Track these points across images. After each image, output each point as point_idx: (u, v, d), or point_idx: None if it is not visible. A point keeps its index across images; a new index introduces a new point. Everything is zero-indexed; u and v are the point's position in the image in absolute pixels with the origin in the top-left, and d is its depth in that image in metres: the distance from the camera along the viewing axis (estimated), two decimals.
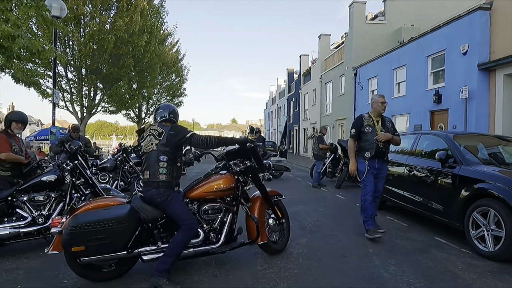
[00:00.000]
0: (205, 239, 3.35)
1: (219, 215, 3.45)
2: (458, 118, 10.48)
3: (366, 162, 4.60)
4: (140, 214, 3.06)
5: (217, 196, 3.46)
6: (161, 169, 3.09)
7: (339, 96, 20.85)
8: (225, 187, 3.45)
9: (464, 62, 10.33)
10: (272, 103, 46.88)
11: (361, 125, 4.69)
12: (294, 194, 8.55)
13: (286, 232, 4.16)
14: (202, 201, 3.42)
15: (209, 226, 3.41)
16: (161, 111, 3.41)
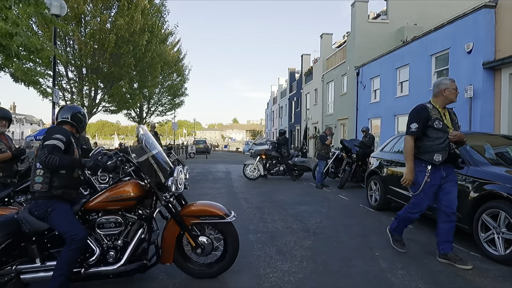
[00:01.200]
0: (102, 258, 2.83)
1: (118, 229, 2.86)
2: (462, 117, 10.32)
3: (428, 170, 3.59)
4: (22, 226, 2.68)
5: (119, 206, 2.88)
6: (37, 177, 2.70)
7: (341, 96, 20.73)
8: (127, 196, 2.86)
9: (468, 61, 10.20)
10: (273, 103, 46.77)
11: (428, 119, 3.63)
12: (296, 194, 8.44)
13: (228, 258, 3.25)
14: (103, 212, 2.89)
15: (110, 242, 2.88)
16: (63, 111, 3.03)
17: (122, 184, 2.93)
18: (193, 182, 10.69)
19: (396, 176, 5.92)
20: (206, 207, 3.24)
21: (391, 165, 6.12)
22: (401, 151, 6.04)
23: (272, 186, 9.83)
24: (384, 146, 6.82)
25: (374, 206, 6.60)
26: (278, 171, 11.59)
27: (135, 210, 2.98)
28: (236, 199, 7.63)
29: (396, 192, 5.83)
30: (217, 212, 3.17)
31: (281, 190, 9.04)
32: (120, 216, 2.89)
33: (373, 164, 6.93)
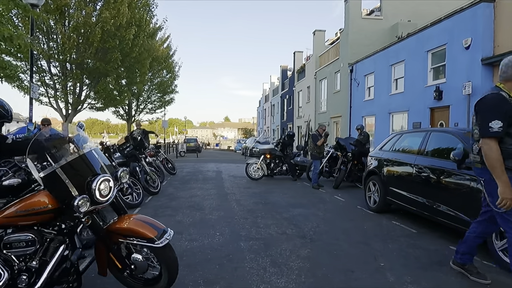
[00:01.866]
0: (12, 284, 2.34)
1: (31, 248, 2.36)
2: (460, 115, 10.07)
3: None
4: None
5: (33, 221, 2.41)
6: None
7: (334, 93, 20.41)
8: (43, 208, 2.37)
9: (466, 56, 9.92)
10: (265, 101, 46.36)
11: (510, 112, 2.70)
12: (291, 195, 8.04)
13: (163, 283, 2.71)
14: (13, 229, 2.41)
15: (23, 264, 2.39)
16: None
17: (35, 194, 2.41)
18: (182, 182, 10.22)
19: (398, 177, 5.56)
20: (136, 226, 2.63)
21: (392, 164, 5.75)
22: (403, 150, 5.69)
23: (265, 187, 9.42)
24: (384, 144, 6.46)
25: (373, 208, 6.23)
26: (281, 170, 11.26)
27: (55, 224, 2.48)
28: (227, 201, 7.20)
29: (398, 193, 5.46)
30: (146, 234, 2.56)
31: (275, 191, 8.63)
32: (33, 233, 2.38)
33: (371, 163, 6.56)
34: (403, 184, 5.35)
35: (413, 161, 5.15)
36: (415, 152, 5.33)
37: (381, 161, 6.13)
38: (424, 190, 4.88)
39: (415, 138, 5.64)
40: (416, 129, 6.22)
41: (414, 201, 5.05)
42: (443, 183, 4.51)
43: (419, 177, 4.98)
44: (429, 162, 4.86)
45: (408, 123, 12.76)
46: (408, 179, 5.24)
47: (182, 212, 6.13)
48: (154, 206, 6.67)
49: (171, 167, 12.40)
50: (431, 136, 5.13)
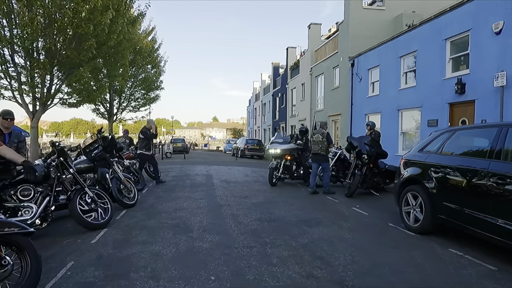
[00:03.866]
0: None
1: None
2: (489, 110, 8.74)
3: None
4: None
5: None
6: None
7: (332, 90, 19.03)
8: None
9: (497, 43, 8.58)
10: (255, 100, 44.86)
11: None
12: (299, 207, 6.52)
13: None
14: None
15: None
16: None
17: None
18: (166, 189, 8.60)
19: (459, 189, 4.09)
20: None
21: (447, 172, 4.28)
22: (463, 152, 4.23)
23: (263, 195, 7.88)
24: (425, 145, 5.00)
25: (415, 228, 4.76)
26: (300, 174, 9.84)
27: None
28: (221, 217, 5.63)
29: (458, 211, 4.00)
30: None
31: (278, 202, 7.11)
32: None
33: (407, 170, 5.09)
34: (469, 198, 3.89)
35: (486, 167, 3.69)
36: (484, 155, 3.87)
37: (426, 166, 4.66)
38: (506, 209, 3.43)
39: (479, 137, 4.21)
40: (478, 124, 4.77)
41: (487, 224, 3.60)
42: None
43: (497, 190, 3.52)
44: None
45: (422, 120, 11.41)
46: (477, 192, 3.78)
47: (163, 235, 4.54)
48: (126, 226, 5.05)
49: None
50: (510, 133, 3.68)
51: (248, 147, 24.39)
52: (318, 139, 8.50)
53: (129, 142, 11.81)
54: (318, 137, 8.54)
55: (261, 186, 9.37)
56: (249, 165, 17.51)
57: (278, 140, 9.95)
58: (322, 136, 8.43)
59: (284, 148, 9.49)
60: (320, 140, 8.43)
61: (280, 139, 10.07)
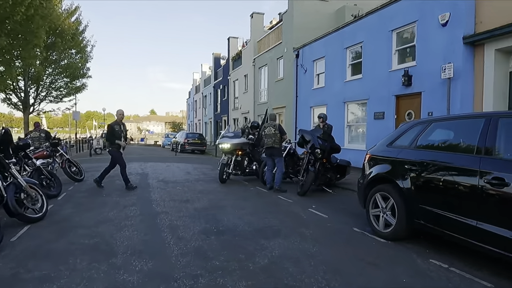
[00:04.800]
0: None
1: None
2: (435, 102, 8.71)
3: None
4: None
5: None
6: None
7: (276, 82, 18.48)
8: None
9: (443, 35, 8.53)
10: (196, 92, 43.08)
11: None
12: (251, 211, 5.64)
13: None
14: None
15: None
16: None
17: None
18: (89, 194, 7.17)
19: (441, 190, 3.51)
20: None
21: (426, 170, 3.69)
22: (445, 146, 3.66)
23: (208, 198, 6.87)
24: (395, 138, 4.41)
25: (386, 234, 4.15)
26: (252, 170, 9.19)
27: None
28: (156, 231, 4.51)
29: (440, 217, 3.42)
30: None
31: (226, 204, 6.16)
32: None
33: (375, 167, 4.48)
34: (454, 201, 3.32)
35: (477, 164, 3.13)
36: (471, 150, 3.33)
37: (399, 163, 4.06)
38: (505, 216, 2.89)
39: (461, 129, 3.68)
40: (457, 115, 4.22)
41: (480, 232, 3.04)
42: None
43: (493, 193, 2.96)
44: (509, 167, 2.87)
45: (368, 113, 11.26)
46: (465, 194, 3.21)
47: (73, 265, 3.32)
48: (22, 252, 3.71)
49: (76, 171, 9.15)
50: (502, 125, 3.16)
51: (188, 141, 22.94)
52: (271, 132, 7.80)
53: (45, 136, 9.81)
54: (271, 130, 7.85)
55: (204, 186, 8.32)
56: (190, 161, 16.25)
57: (229, 134, 9.29)
58: (274, 128, 7.78)
59: (235, 143, 8.82)
60: (272, 132, 7.76)
61: (230, 133, 9.42)
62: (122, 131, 7.81)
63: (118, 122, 7.82)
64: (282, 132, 7.79)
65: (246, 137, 9.16)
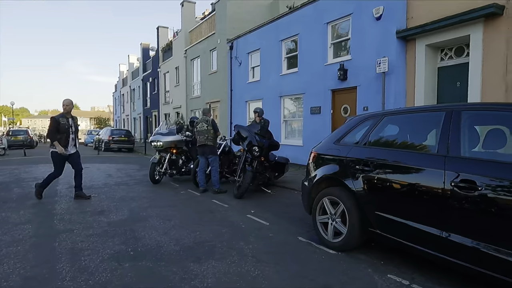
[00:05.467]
0: None
1: None
2: (371, 97, 8.66)
3: None
4: None
5: None
6: None
7: (210, 75, 17.54)
8: None
9: (377, 29, 8.48)
10: (123, 85, 39.94)
11: None
12: (180, 222, 4.75)
13: None
14: None
15: None
16: None
17: None
18: None
19: (401, 194, 3.04)
20: None
21: (383, 171, 3.20)
22: (400, 144, 3.22)
23: (129, 206, 5.81)
24: (343, 135, 3.90)
25: (336, 244, 3.63)
26: (189, 170, 8.35)
27: None
28: (51, 259, 3.41)
29: (401, 226, 2.96)
30: None
31: (148, 215, 5.18)
32: None
33: (322, 168, 3.94)
34: (417, 209, 2.87)
35: (441, 165, 2.69)
36: (432, 148, 2.91)
37: (350, 163, 3.55)
38: (477, 226, 2.48)
39: (417, 123, 3.26)
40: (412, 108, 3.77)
41: (447, 244, 2.62)
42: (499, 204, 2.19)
43: (461, 199, 2.54)
44: (491, 170, 2.47)
45: (304, 107, 10.98)
46: (430, 201, 2.77)
47: None
48: None
49: None
50: (466, 119, 2.78)
51: (113, 138, 20.83)
52: (203, 128, 7.05)
53: None
54: (203, 125, 7.08)
55: (127, 191, 7.17)
56: (115, 160, 14.59)
57: (162, 131, 8.41)
58: (206, 124, 7.05)
59: (169, 140, 8.07)
60: (205, 129, 7.03)
61: (164, 130, 8.51)
62: (71, 126, 6.20)
63: (64, 114, 6.17)
64: (215, 128, 7.07)
65: (183, 133, 8.43)
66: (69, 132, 6.14)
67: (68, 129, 6.11)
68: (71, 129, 6.19)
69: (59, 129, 5.99)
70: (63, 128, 6.04)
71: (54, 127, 5.98)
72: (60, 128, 6.00)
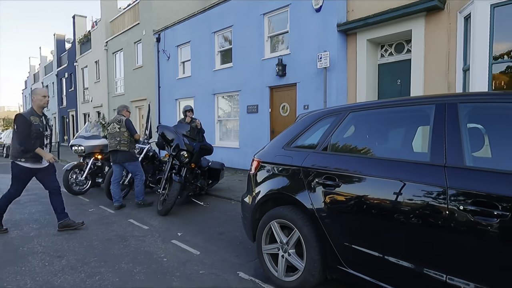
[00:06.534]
0: None
1: None
2: (311, 94, 8.04)
3: None
4: None
5: None
6: None
7: (134, 70, 15.72)
8: None
9: (317, 21, 7.88)
10: (34, 81, 35.10)
11: None
12: (76, 261, 3.41)
13: None
14: None
15: None
16: None
17: None
18: None
19: (381, 219, 2.19)
20: None
21: (351, 185, 2.33)
22: (372, 147, 2.37)
23: (7, 236, 4.25)
24: (296, 136, 2.98)
25: (290, 283, 2.69)
26: None
27: None
28: None
29: (389, 266, 2.12)
30: None
31: (32, 249, 3.73)
32: None
33: (268, 181, 2.98)
34: (407, 242, 2.03)
35: (441, 180, 1.89)
36: (422, 155, 2.12)
37: (307, 175, 2.63)
38: (496, 268, 1.71)
39: (399, 122, 2.47)
40: (386, 101, 2.85)
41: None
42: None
43: (475, 230, 1.76)
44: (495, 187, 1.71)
45: (240, 106, 10.04)
46: (426, 231, 1.95)
47: None
48: None
49: None
50: (465, 113, 2.03)
51: None
52: (114, 130, 5.73)
53: None
54: (114, 127, 5.76)
55: (11, 214, 5.44)
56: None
57: (85, 134, 7.25)
58: (119, 124, 5.70)
59: (92, 145, 6.97)
60: (117, 131, 5.70)
61: (87, 133, 7.33)
62: (45, 127, 4.28)
63: (35, 111, 4.20)
64: (131, 130, 5.73)
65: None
66: (43, 137, 4.26)
67: (42, 132, 4.23)
68: (46, 131, 4.32)
69: (29, 133, 4.07)
70: (37, 132, 4.14)
71: (26, 130, 4.06)
72: (32, 132, 4.09)
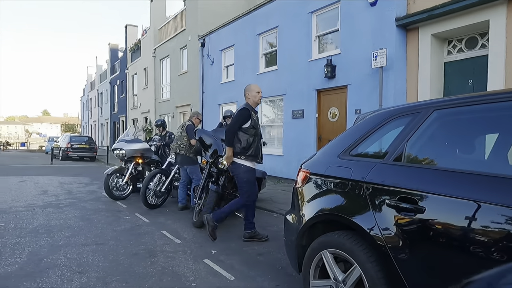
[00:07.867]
0: None
1: None
2: (364, 98, 7.25)
3: None
4: None
5: None
6: None
7: (180, 76, 15.83)
8: None
9: (372, 16, 7.11)
10: (91, 89, 37.43)
11: None
12: (98, 276, 3.01)
13: None
14: None
15: None
16: None
17: None
18: None
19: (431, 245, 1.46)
20: None
21: (437, 211, 1.64)
22: (469, 158, 1.62)
23: (34, 241, 4.02)
24: (357, 142, 2.33)
25: None
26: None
27: None
28: None
29: None
30: None
31: (53, 259, 3.41)
32: None
33: (319, 199, 2.35)
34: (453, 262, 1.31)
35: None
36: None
37: (374, 193, 1.97)
38: None
39: (505, 120, 1.73)
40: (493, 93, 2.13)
41: None
42: None
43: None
44: None
45: (285, 111, 9.46)
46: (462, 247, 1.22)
47: None
48: None
49: None
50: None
51: (72, 146, 18.63)
52: (178, 134, 5.99)
53: None
54: (179, 131, 6.01)
55: (50, 218, 5.29)
56: (66, 171, 12.55)
57: (127, 138, 7.11)
58: (182, 129, 5.92)
59: (134, 149, 6.85)
60: (179, 135, 5.92)
61: (128, 136, 7.21)
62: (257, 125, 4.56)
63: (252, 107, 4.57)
64: (189, 134, 5.80)
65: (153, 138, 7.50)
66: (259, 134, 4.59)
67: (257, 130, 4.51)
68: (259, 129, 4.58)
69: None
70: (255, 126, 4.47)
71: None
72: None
